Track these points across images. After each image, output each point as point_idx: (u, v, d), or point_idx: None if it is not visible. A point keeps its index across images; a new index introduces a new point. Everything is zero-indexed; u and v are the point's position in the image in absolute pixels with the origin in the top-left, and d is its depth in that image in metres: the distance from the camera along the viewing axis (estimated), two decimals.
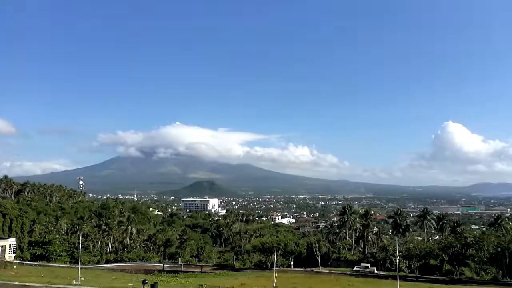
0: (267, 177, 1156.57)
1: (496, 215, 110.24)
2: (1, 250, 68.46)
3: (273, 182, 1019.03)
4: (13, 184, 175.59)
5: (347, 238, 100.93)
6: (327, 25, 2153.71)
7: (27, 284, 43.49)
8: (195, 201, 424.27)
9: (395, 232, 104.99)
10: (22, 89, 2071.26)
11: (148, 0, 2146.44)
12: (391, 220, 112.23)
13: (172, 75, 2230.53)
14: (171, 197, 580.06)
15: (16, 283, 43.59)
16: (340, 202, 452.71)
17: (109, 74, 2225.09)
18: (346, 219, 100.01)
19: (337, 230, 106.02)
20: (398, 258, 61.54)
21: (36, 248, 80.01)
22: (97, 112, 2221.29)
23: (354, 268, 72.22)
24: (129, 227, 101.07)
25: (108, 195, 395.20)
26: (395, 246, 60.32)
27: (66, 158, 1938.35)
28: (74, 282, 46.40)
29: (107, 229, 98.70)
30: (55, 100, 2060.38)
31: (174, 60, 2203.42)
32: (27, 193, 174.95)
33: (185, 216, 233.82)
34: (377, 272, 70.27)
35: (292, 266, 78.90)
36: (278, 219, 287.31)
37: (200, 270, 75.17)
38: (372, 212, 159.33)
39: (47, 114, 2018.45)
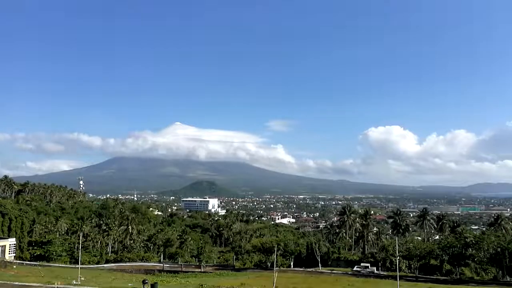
0: (267, 177, 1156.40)
1: (496, 215, 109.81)
2: (1, 250, 68.49)
3: (273, 182, 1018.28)
4: (13, 184, 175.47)
5: (347, 238, 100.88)
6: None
7: (27, 284, 43.50)
8: (195, 201, 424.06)
9: (395, 232, 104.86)
10: (22, 89, 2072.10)
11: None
12: (391, 220, 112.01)
13: (172, 74, 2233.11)
14: (171, 197, 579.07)
15: (16, 283, 43.61)
16: (340, 202, 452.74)
17: (108, 74, 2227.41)
18: (346, 219, 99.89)
19: (337, 230, 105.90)
20: (398, 258, 61.46)
21: (36, 248, 79.96)
22: (97, 112, 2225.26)
23: (354, 268, 72.18)
24: (129, 227, 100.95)
25: (108, 195, 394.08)
26: (395, 246, 60.29)
27: (66, 158, 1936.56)
28: (74, 282, 46.40)
29: (107, 229, 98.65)
30: (54, 100, 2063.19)
31: (175, 59, 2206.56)
32: (27, 193, 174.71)
33: (185, 216, 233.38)
34: (377, 272, 70.25)
35: (292, 266, 78.86)
36: (278, 219, 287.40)
37: (200, 270, 75.16)
38: (372, 212, 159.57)
39: (46, 113, 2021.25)
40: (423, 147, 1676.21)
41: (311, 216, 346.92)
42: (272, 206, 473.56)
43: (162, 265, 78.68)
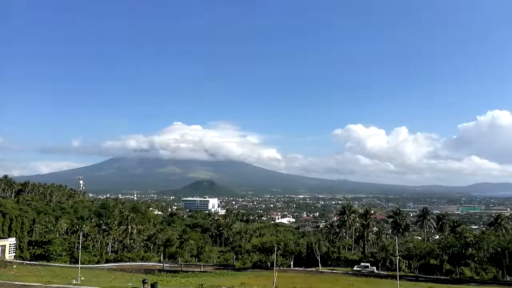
0: (267, 176, 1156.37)
1: (496, 214, 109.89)
2: (1, 250, 68.41)
3: (273, 182, 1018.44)
4: (13, 184, 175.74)
5: (347, 237, 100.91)
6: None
7: (27, 283, 43.42)
8: (195, 201, 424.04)
9: (395, 231, 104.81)
10: (22, 89, 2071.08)
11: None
12: (391, 219, 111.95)
13: (171, 74, 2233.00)
14: (171, 197, 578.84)
15: (16, 282, 43.54)
16: (340, 202, 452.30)
17: (108, 74, 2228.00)
18: (346, 218, 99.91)
19: (337, 230, 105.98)
20: (398, 257, 61.41)
21: (36, 247, 79.91)
22: (97, 112, 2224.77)
23: (354, 268, 72.15)
24: (129, 226, 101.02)
25: (108, 195, 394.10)
26: (395, 245, 60.21)
27: (65, 158, 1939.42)
28: (74, 282, 46.32)
29: (107, 228, 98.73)
30: (54, 100, 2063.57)
31: (174, 59, 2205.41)
32: (27, 193, 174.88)
33: (185, 216, 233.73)
34: (377, 271, 70.24)
35: (292, 266, 78.85)
36: (278, 218, 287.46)
37: (200, 269, 75.16)
38: (372, 212, 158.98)
39: (46, 113, 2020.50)
40: (391, 145, 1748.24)
41: (311, 215, 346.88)
42: (272, 205, 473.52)
43: (162, 264, 78.67)
